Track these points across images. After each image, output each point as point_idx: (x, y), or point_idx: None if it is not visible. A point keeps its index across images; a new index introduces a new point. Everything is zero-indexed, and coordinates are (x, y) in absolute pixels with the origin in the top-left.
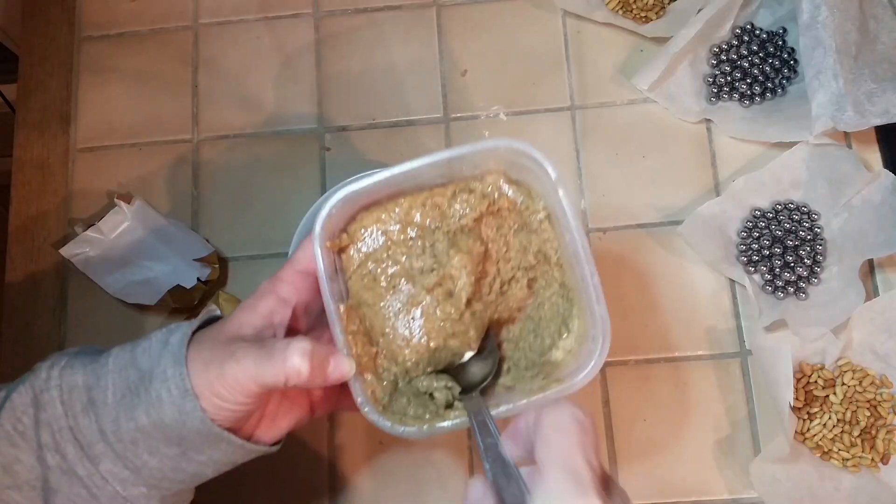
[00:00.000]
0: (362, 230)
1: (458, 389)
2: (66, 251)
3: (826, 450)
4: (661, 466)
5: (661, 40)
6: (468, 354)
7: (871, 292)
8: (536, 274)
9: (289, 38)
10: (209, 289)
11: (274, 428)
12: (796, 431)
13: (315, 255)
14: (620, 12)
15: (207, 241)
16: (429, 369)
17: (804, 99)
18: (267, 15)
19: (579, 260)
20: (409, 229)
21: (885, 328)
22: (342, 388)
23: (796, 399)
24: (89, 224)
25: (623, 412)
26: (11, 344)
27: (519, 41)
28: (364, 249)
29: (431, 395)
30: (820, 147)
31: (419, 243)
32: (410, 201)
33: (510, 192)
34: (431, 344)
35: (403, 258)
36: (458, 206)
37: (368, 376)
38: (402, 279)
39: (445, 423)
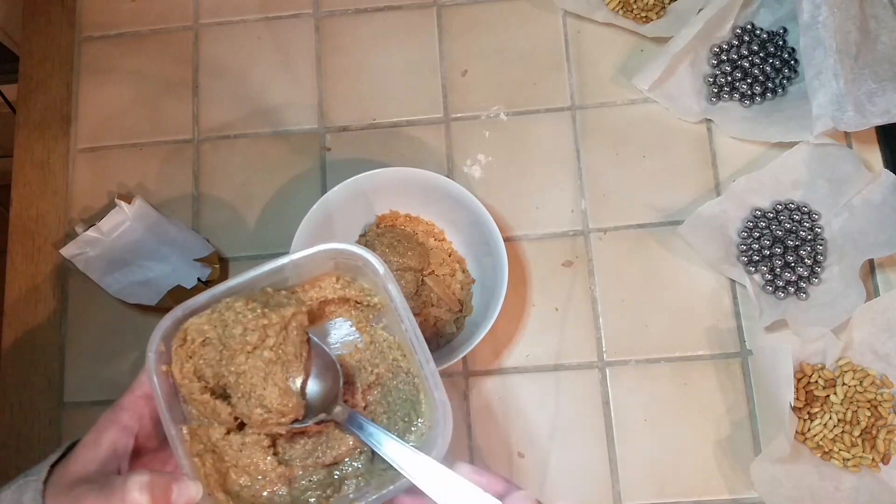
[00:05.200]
0: (192, 349)
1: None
2: (66, 251)
3: (827, 450)
4: (661, 466)
5: (661, 40)
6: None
7: (872, 292)
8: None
9: (289, 38)
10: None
11: None
12: (797, 431)
13: (150, 380)
14: (621, 12)
15: (208, 240)
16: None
17: (805, 99)
18: (267, 15)
19: (414, 349)
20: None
21: (886, 328)
22: None
23: (797, 399)
24: (89, 224)
25: (623, 412)
26: (12, 344)
27: (519, 41)
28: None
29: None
30: (820, 147)
31: (246, 356)
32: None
33: (346, 292)
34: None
35: (231, 374)
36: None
37: (220, 495)
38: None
39: None
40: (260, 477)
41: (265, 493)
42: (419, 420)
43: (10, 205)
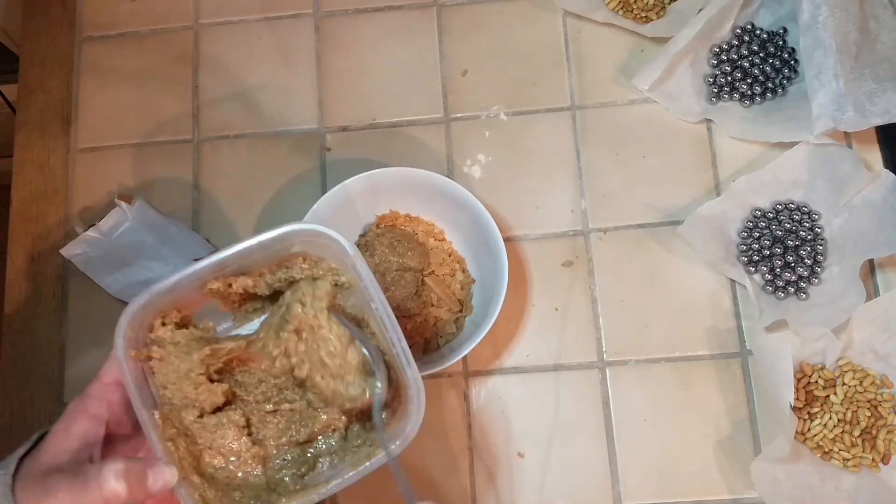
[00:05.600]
0: (167, 334)
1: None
2: (66, 251)
3: (827, 450)
4: (661, 466)
5: (661, 40)
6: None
7: (872, 292)
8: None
9: (289, 38)
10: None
11: None
12: (797, 431)
13: (120, 366)
14: (621, 12)
15: (208, 240)
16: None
17: (805, 99)
18: (267, 15)
19: (385, 328)
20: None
21: (886, 328)
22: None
23: (797, 399)
24: (89, 224)
25: (623, 412)
26: (12, 344)
27: (519, 41)
28: (172, 354)
29: (268, 483)
30: (820, 147)
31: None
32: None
33: (314, 272)
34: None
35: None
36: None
37: (195, 478)
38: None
39: None
40: (234, 458)
41: (240, 474)
42: (392, 400)
43: (10, 205)
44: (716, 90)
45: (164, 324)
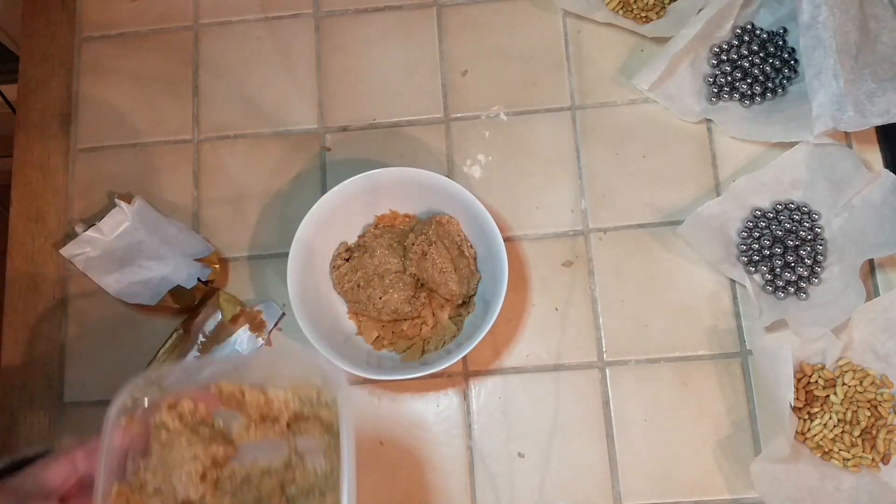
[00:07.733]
0: (170, 421)
1: None
2: (67, 251)
3: (827, 450)
4: (661, 466)
5: (661, 40)
6: None
7: (872, 292)
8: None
9: (289, 38)
10: (209, 289)
11: None
12: (797, 431)
13: (103, 434)
14: (621, 12)
15: (208, 241)
16: None
17: (805, 99)
18: (267, 15)
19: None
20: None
21: (886, 328)
22: None
23: (797, 399)
24: (89, 224)
25: (623, 412)
26: (12, 344)
27: (519, 41)
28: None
29: None
30: (820, 147)
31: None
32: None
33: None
34: None
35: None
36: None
37: None
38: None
39: None
40: None
41: None
42: None
43: (10, 205)
44: (716, 90)
45: (169, 409)
